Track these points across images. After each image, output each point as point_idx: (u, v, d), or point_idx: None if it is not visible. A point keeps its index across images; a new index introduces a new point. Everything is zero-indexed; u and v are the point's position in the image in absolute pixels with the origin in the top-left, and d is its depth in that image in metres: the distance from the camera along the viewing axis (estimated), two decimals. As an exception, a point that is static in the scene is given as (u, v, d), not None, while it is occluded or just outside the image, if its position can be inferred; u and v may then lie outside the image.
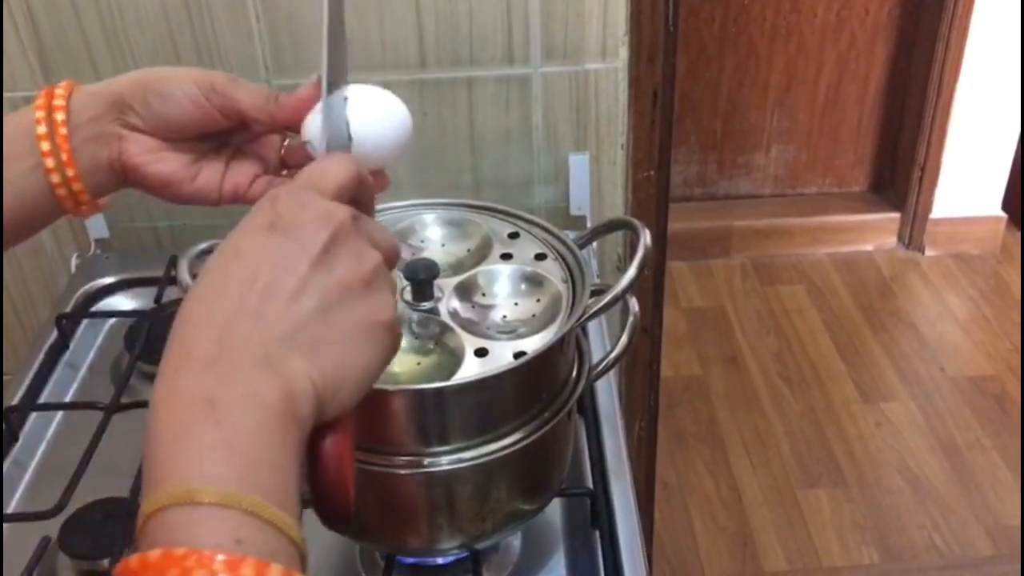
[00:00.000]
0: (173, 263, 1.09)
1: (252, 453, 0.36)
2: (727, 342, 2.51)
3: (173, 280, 1.07)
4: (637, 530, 0.79)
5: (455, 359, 0.66)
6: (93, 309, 1.10)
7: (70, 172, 0.57)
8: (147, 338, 0.98)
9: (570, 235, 0.74)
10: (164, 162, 0.59)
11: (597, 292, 0.74)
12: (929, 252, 2.76)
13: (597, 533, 0.79)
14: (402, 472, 0.65)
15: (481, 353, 0.65)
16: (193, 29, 1.07)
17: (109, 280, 1.12)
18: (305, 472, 0.40)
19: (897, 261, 2.77)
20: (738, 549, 1.98)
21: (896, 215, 2.78)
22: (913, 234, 2.77)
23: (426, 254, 0.76)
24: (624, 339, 0.72)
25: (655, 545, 1.78)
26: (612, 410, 0.90)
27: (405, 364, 0.66)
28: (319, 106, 0.56)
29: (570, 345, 0.70)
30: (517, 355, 0.65)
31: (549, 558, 0.79)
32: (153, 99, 0.57)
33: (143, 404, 0.91)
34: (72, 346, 1.04)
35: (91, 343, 1.06)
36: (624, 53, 1.12)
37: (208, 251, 0.71)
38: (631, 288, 0.67)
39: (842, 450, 2.19)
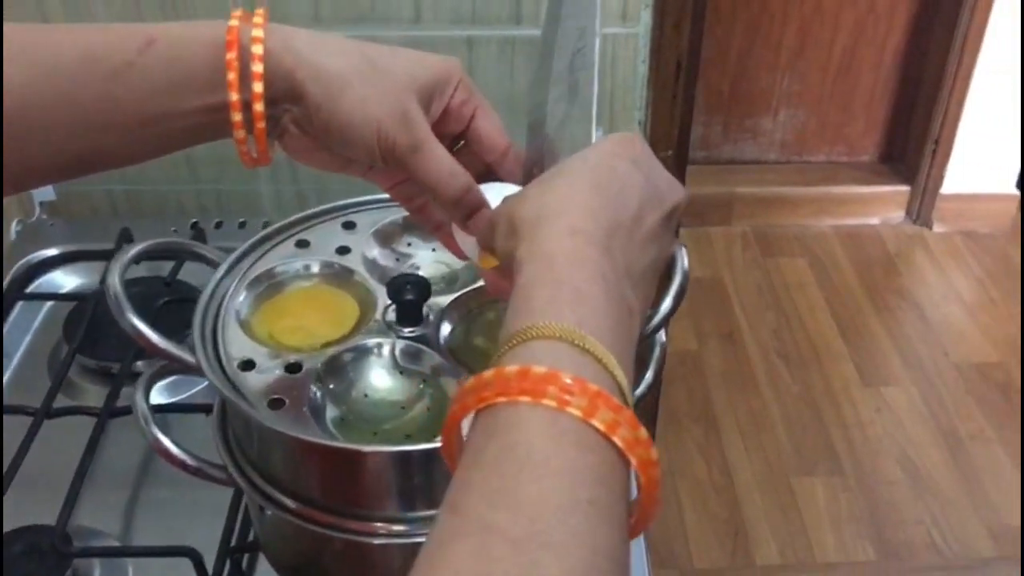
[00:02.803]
0: (125, 235, 0.96)
1: (612, 328, 0.40)
2: (725, 316, 2.40)
3: (125, 255, 0.94)
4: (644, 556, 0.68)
5: (450, 403, 0.53)
6: (34, 285, 0.97)
7: (257, 151, 0.52)
8: (88, 327, 0.86)
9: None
10: (317, 160, 0.54)
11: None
12: (937, 228, 2.65)
13: None
14: (376, 542, 0.53)
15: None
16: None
17: (53, 252, 0.99)
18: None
19: (903, 236, 2.66)
20: (728, 539, 1.89)
21: (905, 188, 2.66)
22: (922, 209, 2.65)
23: (413, 261, 0.63)
24: (649, 376, 0.60)
25: (643, 532, 1.69)
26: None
27: (387, 408, 0.54)
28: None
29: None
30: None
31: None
32: (333, 126, 0.50)
33: (80, 411, 0.79)
34: (6, 329, 0.91)
35: (28, 326, 0.93)
36: (647, 17, 0.98)
37: (144, 253, 0.58)
38: (665, 323, 0.54)
39: (840, 436, 2.09)
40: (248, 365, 0.54)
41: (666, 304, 0.53)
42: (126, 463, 0.79)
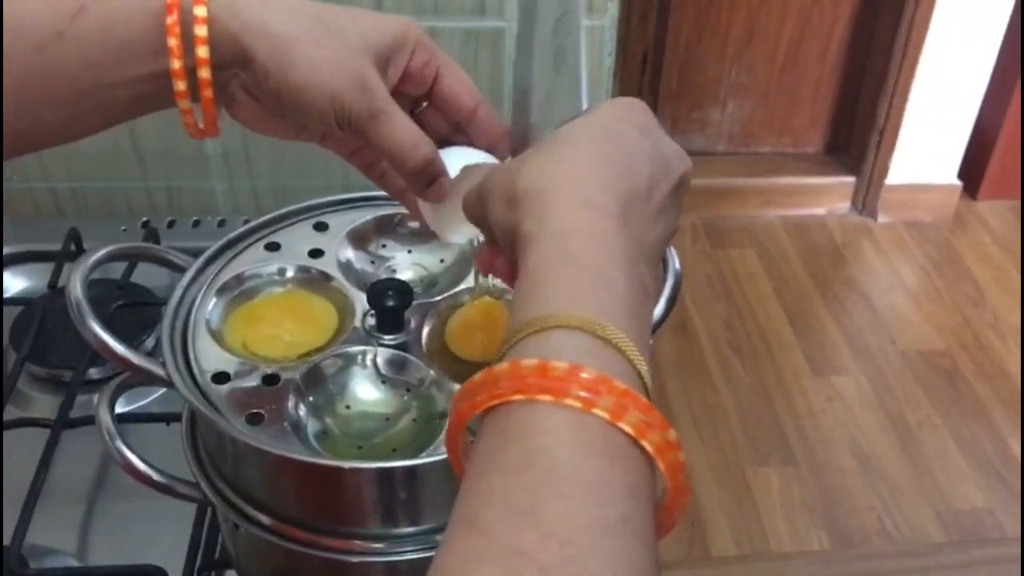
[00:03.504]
0: (73, 236, 0.91)
1: (632, 314, 0.37)
2: (677, 307, 2.38)
3: (72, 256, 0.90)
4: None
5: (437, 414, 0.51)
6: (-26, 289, 0.92)
7: (204, 121, 0.49)
8: (38, 333, 0.81)
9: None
10: (269, 128, 0.51)
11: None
12: (881, 219, 2.68)
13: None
14: (355, 560, 0.51)
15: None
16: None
17: (-4, 253, 0.94)
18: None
19: (849, 227, 2.69)
20: (685, 530, 1.89)
21: (851, 179, 2.69)
22: (867, 199, 2.68)
23: (390, 264, 0.61)
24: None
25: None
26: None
27: (372, 420, 0.52)
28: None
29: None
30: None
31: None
32: (284, 93, 0.46)
33: (31, 423, 0.75)
34: (-54, 337, 0.86)
35: (-30, 332, 0.88)
36: (614, 9, 0.96)
37: (107, 257, 0.55)
38: (658, 328, 0.53)
39: (792, 426, 2.11)
40: (222, 378, 0.51)
41: (659, 308, 0.51)
42: (82, 476, 0.75)
